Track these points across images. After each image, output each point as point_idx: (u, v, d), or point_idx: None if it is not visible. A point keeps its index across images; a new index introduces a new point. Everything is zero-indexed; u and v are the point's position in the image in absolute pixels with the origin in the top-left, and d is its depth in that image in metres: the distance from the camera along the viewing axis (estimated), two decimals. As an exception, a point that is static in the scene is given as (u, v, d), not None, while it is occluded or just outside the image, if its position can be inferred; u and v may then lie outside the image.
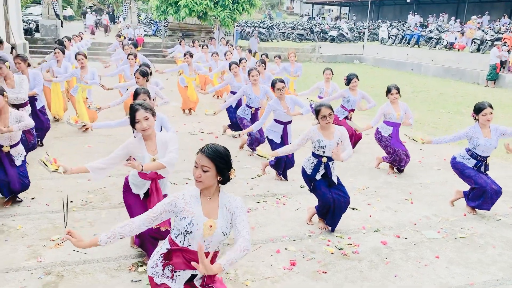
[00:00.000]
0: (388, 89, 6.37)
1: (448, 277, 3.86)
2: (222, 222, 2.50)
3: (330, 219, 4.61)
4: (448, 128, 9.75)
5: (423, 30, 26.68)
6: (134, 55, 8.63)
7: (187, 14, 21.13)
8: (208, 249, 2.51)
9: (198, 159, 2.45)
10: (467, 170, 5.14)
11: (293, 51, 10.71)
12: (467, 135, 5.07)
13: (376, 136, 6.59)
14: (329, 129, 4.44)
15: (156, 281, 2.58)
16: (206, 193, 2.53)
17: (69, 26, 30.02)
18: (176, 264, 2.52)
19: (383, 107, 6.35)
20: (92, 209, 4.98)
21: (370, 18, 34.56)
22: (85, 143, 7.53)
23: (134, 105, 3.52)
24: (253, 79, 7.02)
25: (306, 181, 4.72)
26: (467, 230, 4.79)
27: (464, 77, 18.64)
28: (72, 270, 3.74)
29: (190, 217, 2.46)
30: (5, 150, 4.86)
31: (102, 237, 2.42)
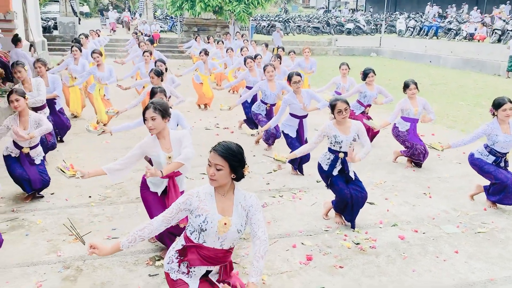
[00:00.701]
0: (406, 84, 6.27)
1: (468, 272, 3.80)
2: (236, 220, 2.50)
3: (349, 215, 4.58)
4: (468, 121, 9.57)
5: (442, 21, 26.17)
6: (149, 52, 8.68)
7: (202, 9, 21.17)
8: (223, 246, 2.52)
9: (212, 158, 2.46)
10: (486, 166, 5.03)
11: (308, 47, 10.62)
12: (485, 132, 4.96)
13: (394, 131, 6.51)
14: (345, 124, 4.39)
15: (172, 276, 2.60)
16: (220, 191, 2.53)
17: (86, 23, 30.34)
18: (191, 261, 2.53)
19: (400, 103, 6.26)
20: (110, 204, 5.05)
21: (387, 10, 34.00)
22: (103, 139, 7.60)
23: (148, 103, 3.57)
24: (269, 75, 6.98)
25: (323, 177, 4.68)
26: (488, 224, 4.71)
27: (485, 69, 18.25)
28: (91, 264, 3.80)
29: (204, 215, 2.46)
30: (25, 151, 4.98)
31: (123, 242, 2.48)
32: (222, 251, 2.52)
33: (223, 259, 2.57)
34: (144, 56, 8.62)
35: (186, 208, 2.51)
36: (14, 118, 4.84)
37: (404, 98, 6.32)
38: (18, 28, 13.20)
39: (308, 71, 10.42)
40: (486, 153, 5.04)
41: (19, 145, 4.93)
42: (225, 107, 7.15)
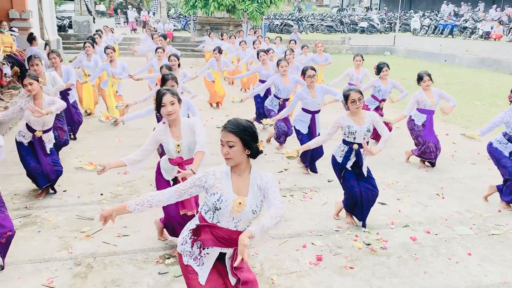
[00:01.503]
0: (420, 76, 6.19)
1: (481, 275, 3.74)
2: (251, 200, 2.46)
3: (359, 214, 4.55)
4: (483, 121, 9.41)
5: (457, 19, 25.81)
6: (162, 49, 8.70)
7: (215, 8, 21.20)
8: (238, 228, 2.47)
9: (223, 136, 2.44)
10: (503, 160, 4.95)
11: (320, 42, 10.58)
12: (503, 120, 4.87)
13: (409, 124, 6.41)
14: (359, 114, 4.35)
15: (184, 260, 2.57)
16: (237, 170, 2.50)
17: (101, 22, 30.63)
18: (204, 241, 2.48)
19: (415, 95, 6.17)
20: (121, 201, 5.08)
21: (402, 8, 33.64)
22: (115, 137, 7.68)
23: (162, 90, 3.60)
24: (283, 69, 6.95)
25: (336, 171, 4.61)
26: (502, 226, 4.62)
27: (501, 68, 17.95)
28: (101, 261, 3.83)
29: (219, 193, 2.43)
30: (37, 135, 5.01)
31: (131, 203, 2.47)
32: (236, 233, 2.45)
33: (237, 241, 2.44)
34: (157, 53, 8.65)
35: (200, 184, 2.48)
36: (28, 100, 4.88)
37: (419, 90, 6.23)
38: (33, 27, 13.38)
39: (321, 65, 10.35)
40: (505, 141, 4.94)
41: (32, 129, 4.97)
42: (237, 99, 7.15)
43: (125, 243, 4.14)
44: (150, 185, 5.53)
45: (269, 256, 3.97)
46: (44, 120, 4.95)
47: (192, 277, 2.56)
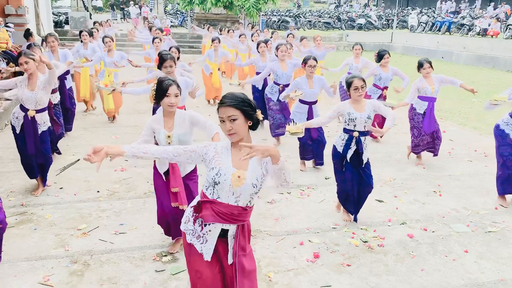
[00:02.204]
0: (420, 63, 6.17)
1: (478, 272, 3.74)
2: (252, 174, 2.41)
3: (352, 207, 4.58)
4: (480, 118, 9.44)
5: (455, 16, 25.82)
6: (159, 39, 8.65)
7: (213, 4, 21.17)
8: (238, 203, 2.43)
9: (222, 113, 2.38)
10: (503, 147, 4.96)
11: (319, 35, 10.57)
12: None
13: (410, 113, 6.40)
14: (360, 102, 4.36)
15: (187, 238, 2.55)
16: (237, 145, 2.45)
17: (97, 17, 30.49)
18: (205, 217, 2.45)
19: (416, 82, 6.15)
20: (118, 199, 5.06)
21: (399, 5, 33.62)
22: (112, 134, 7.65)
23: (168, 80, 3.57)
24: (282, 54, 6.93)
25: (335, 161, 4.59)
26: (498, 224, 4.63)
27: (498, 65, 17.97)
28: (98, 259, 3.81)
29: (218, 167, 2.40)
30: (30, 114, 4.90)
31: (127, 146, 2.44)
32: (237, 208, 2.43)
33: (239, 217, 2.45)
34: (154, 43, 8.61)
35: (201, 153, 2.45)
36: (23, 78, 4.84)
37: (419, 78, 6.21)
38: (29, 23, 13.32)
39: (320, 59, 10.33)
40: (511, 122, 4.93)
41: (25, 108, 4.89)
42: (235, 82, 7.14)
43: (122, 240, 4.13)
44: (147, 182, 5.51)
45: (266, 254, 3.96)
46: (37, 98, 4.85)
47: (194, 258, 2.54)
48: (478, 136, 8.06)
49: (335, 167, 4.63)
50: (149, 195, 5.17)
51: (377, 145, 7.20)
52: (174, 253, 3.91)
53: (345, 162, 4.47)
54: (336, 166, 4.61)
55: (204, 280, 2.53)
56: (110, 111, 8.31)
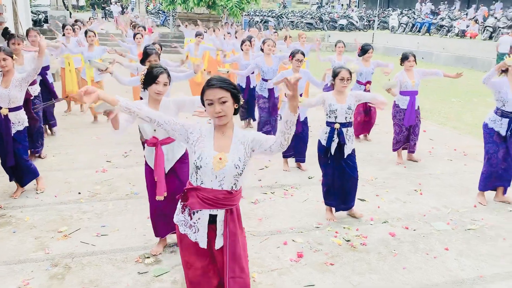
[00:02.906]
0: (406, 56, 6.21)
1: (458, 270, 3.81)
2: (233, 155, 2.40)
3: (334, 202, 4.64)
4: (459, 118, 9.61)
5: (434, 18, 26.24)
6: (141, 35, 8.58)
7: (195, 4, 21.07)
8: (222, 186, 2.40)
9: (212, 95, 2.35)
10: (488, 145, 5.06)
11: (304, 33, 10.64)
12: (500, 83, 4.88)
13: (393, 110, 6.48)
14: (343, 94, 4.43)
15: (180, 229, 2.54)
16: (221, 129, 2.45)
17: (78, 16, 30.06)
18: (191, 204, 2.43)
19: (397, 76, 6.21)
20: (99, 200, 4.99)
21: (380, 6, 34.02)
22: (93, 135, 7.55)
23: (159, 67, 3.54)
24: (268, 48, 6.97)
25: (322, 155, 4.61)
26: (477, 221, 4.72)
27: (476, 66, 18.34)
28: (79, 261, 3.76)
29: (199, 151, 2.39)
30: (3, 112, 4.69)
31: (122, 98, 2.41)
32: (221, 192, 2.40)
33: (225, 201, 2.42)
34: (136, 39, 8.53)
35: (187, 130, 2.45)
36: None
37: (400, 71, 6.27)
38: (7, 22, 13.00)
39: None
40: (499, 118, 4.99)
41: None
42: (223, 69, 7.14)
43: (104, 242, 4.08)
44: (129, 183, 5.46)
45: (250, 254, 3.94)
46: (10, 95, 4.68)
47: (185, 250, 2.54)
48: (457, 136, 8.21)
49: (320, 161, 4.67)
50: (131, 196, 5.12)
51: (359, 145, 7.26)
52: (157, 255, 3.87)
53: (329, 155, 4.52)
54: (321, 159, 4.65)
55: (195, 271, 2.54)
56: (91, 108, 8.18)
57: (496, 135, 5.01)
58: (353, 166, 4.57)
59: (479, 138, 7.92)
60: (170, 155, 3.73)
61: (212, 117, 2.40)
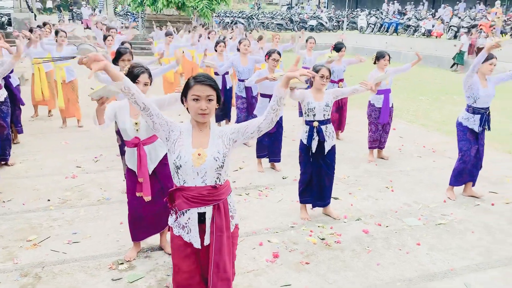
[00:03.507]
0: (382, 54, 6.29)
1: (429, 264, 3.90)
2: (212, 149, 2.41)
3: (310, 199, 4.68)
4: (427, 116, 9.85)
5: (401, 18, 26.81)
6: (111, 37, 8.45)
7: (164, 6, 20.87)
8: (206, 182, 2.40)
9: (200, 91, 2.35)
10: (462, 142, 5.18)
11: (278, 34, 10.71)
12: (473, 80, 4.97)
13: (368, 109, 6.58)
14: (321, 91, 4.49)
15: (175, 231, 2.52)
16: (199, 127, 2.46)
17: (43, 19, 29.29)
18: (178, 205, 2.42)
19: (372, 74, 6.27)
20: (70, 207, 4.87)
21: (349, 7, 34.57)
22: (61, 140, 7.36)
23: (141, 67, 3.52)
24: (244, 48, 7.00)
25: (303, 154, 4.65)
26: (447, 216, 4.85)
27: (442, 64, 18.85)
28: (50, 270, 3.65)
29: (178, 150, 2.38)
30: None
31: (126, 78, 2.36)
32: (205, 188, 2.40)
33: (210, 197, 2.42)
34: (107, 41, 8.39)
35: (169, 127, 2.43)
36: None
37: (374, 70, 6.36)
38: (-32, 25, 12.56)
39: None
40: (471, 115, 5.11)
41: None
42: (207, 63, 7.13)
43: (76, 250, 3.98)
44: (101, 189, 5.35)
45: (225, 256, 3.94)
46: None
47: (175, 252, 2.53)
48: (426, 133, 8.41)
49: (301, 159, 4.70)
50: (103, 202, 5.02)
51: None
52: (131, 261, 3.81)
53: (311, 154, 4.56)
54: (302, 158, 4.68)
55: (183, 274, 2.53)
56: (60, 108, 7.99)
57: (469, 133, 5.15)
58: (331, 164, 4.64)
59: (447, 135, 8.17)
60: (153, 155, 3.70)
61: (195, 114, 2.39)
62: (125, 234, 4.23)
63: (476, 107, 5.05)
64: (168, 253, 3.91)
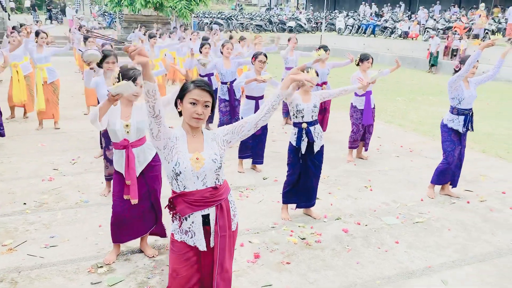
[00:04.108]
0: (365, 57, 6.41)
1: (408, 262, 3.97)
2: (208, 152, 2.43)
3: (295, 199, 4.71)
4: (404, 116, 10.02)
5: (379, 19, 27.20)
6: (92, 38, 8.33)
7: (142, 6, 20.65)
8: (206, 184, 2.41)
9: (199, 96, 2.35)
10: (446, 143, 5.28)
11: (260, 35, 10.70)
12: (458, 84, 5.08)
13: (350, 110, 6.68)
14: (308, 93, 4.54)
15: (176, 237, 2.50)
16: (192, 132, 2.46)
17: (17, 18, 28.64)
18: (181, 211, 2.42)
19: (355, 75, 6.37)
20: (47, 210, 4.78)
21: (327, 8, 34.89)
22: (37, 142, 7.21)
23: (136, 69, 3.50)
24: (227, 51, 7.00)
25: (292, 156, 4.66)
26: (424, 214, 4.94)
27: (419, 65, 19.21)
28: (27, 275, 3.58)
29: (176, 158, 2.37)
30: None
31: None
32: (207, 190, 2.41)
33: (212, 198, 2.43)
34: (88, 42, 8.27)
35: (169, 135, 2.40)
36: None
37: (357, 71, 6.46)
38: None
39: None
40: (456, 117, 5.22)
41: None
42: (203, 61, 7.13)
43: (53, 254, 3.91)
44: (79, 191, 5.27)
45: (206, 258, 3.93)
46: None
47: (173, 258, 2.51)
48: (403, 133, 8.56)
49: (289, 161, 4.71)
50: (81, 204, 4.94)
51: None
52: (110, 264, 3.76)
53: (300, 155, 4.59)
54: (291, 159, 4.69)
55: (180, 279, 2.51)
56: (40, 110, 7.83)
57: (454, 134, 5.27)
58: (319, 165, 4.68)
59: (423, 135, 8.34)
60: (141, 157, 3.68)
61: (189, 117, 2.39)
62: (104, 237, 4.18)
63: (461, 108, 5.17)
64: (148, 256, 3.89)
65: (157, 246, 4.09)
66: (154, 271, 3.67)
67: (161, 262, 3.82)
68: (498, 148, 7.58)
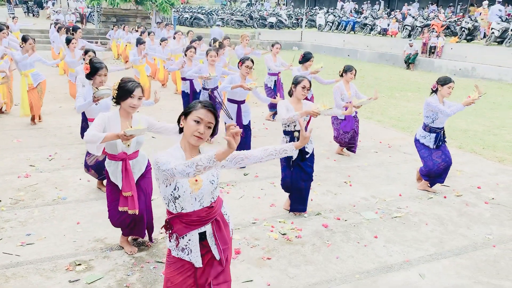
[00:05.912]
0: (349, 68, 6.45)
1: (386, 256, 4.03)
2: (207, 174, 2.41)
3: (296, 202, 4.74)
4: (383, 112, 10.14)
5: (358, 16, 27.41)
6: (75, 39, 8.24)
7: (122, 0, 20.33)
8: (203, 204, 2.41)
9: (204, 115, 2.33)
10: (421, 151, 5.41)
11: (247, 35, 10.61)
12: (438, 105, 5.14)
13: (332, 117, 6.75)
14: (300, 103, 4.56)
15: (174, 253, 2.49)
16: (190, 151, 2.43)
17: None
18: (179, 231, 2.42)
19: (337, 87, 6.41)
20: (23, 207, 4.68)
21: (307, 5, 34.97)
22: (14, 138, 7.05)
23: (133, 81, 3.49)
24: (211, 59, 7.00)
25: (285, 163, 4.69)
26: (402, 209, 5.02)
27: (397, 62, 19.44)
28: (3, 274, 3.50)
29: (175, 182, 2.34)
30: None
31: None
32: (203, 210, 2.41)
33: (208, 216, 2.44)
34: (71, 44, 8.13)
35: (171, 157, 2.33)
36: None
37: (339, 83, 6.51)
38: None
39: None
40: (427, 134, 5.34)
41: None
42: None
43: (30, 252, 3.83)
44: (56, 188, 5.17)
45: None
46: None
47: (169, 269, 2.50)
48: (382, 129, 8.66)
49: (283, 166, 4.74)
50: (59, 201, 4.86)
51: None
52: (89, 261, 3.71)
53: (293, 163, 4.62)
54: (283, 165, 4.72)
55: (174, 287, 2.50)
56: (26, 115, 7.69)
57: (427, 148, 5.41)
58: (311, 166, 4.71)
59: (402, 131, 8.46)
60: (136, 168, 3.73)
61: (191, 135, 2.35)
62: (83, 234, 4.13)
63: (433, 126, 5.29)
64: (128, 253, 3.85)
65: (137, 242, 4.05)
66: (134, 268, 3.64)
67: (141, 259, 3.79)
68: (473, 144, 7.75)
